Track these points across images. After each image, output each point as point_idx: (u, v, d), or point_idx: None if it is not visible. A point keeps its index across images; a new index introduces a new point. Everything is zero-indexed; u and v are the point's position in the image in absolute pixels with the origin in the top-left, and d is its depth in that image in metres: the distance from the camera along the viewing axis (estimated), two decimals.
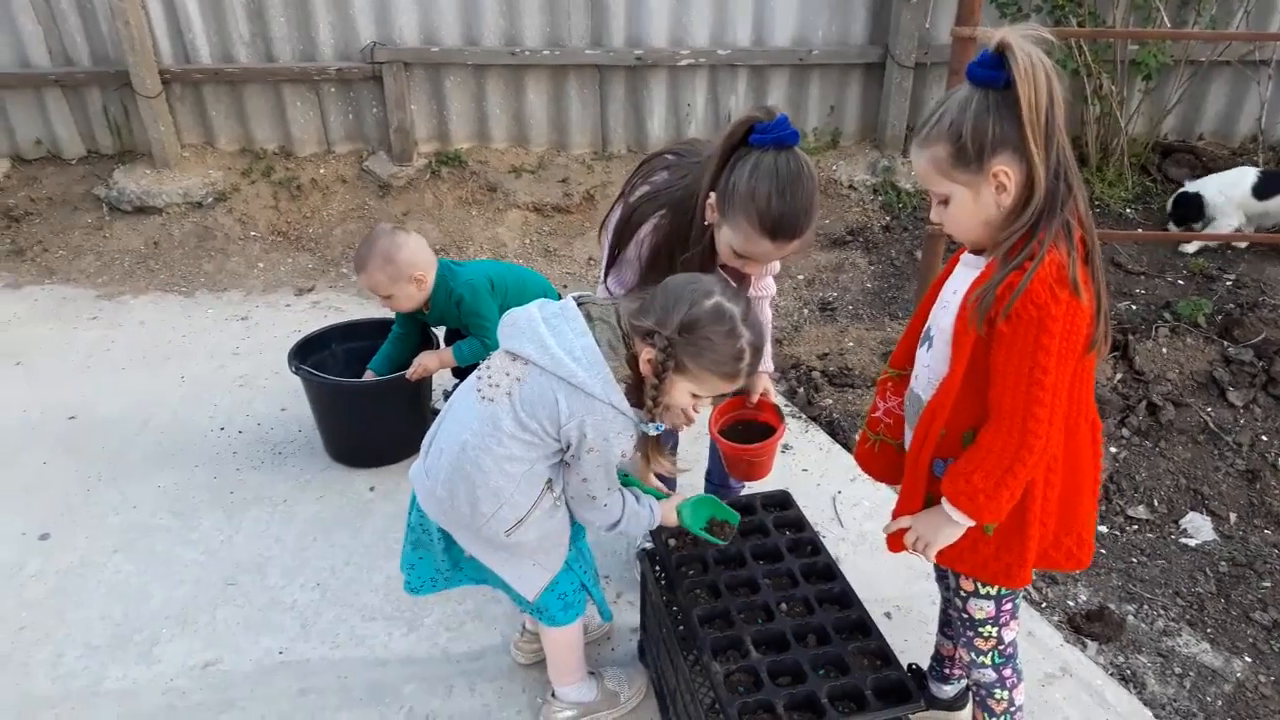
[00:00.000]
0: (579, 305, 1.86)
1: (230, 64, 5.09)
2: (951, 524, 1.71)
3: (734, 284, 2.18)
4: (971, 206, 1.59)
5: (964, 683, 2.29)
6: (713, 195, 1.97)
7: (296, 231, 5.05)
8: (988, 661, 1.92)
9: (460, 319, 3.08)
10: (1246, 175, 4.47)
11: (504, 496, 1.87)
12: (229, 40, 5.05)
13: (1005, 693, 1.95)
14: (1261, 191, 4.39)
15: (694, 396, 1.85)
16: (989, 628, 1.89)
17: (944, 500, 1.70)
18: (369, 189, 5.21)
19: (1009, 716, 1.99)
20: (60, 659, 2.53)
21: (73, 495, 3.16)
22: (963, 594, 1.88)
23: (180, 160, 5.22)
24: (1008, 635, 1.91)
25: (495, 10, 5.00)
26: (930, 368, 1.77)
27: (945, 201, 1.63)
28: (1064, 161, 1.54)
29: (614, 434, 1.80)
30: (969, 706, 2.26)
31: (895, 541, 1.87)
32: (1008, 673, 1.94)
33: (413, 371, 3.10)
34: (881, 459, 2.00)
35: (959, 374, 1.64)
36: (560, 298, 3.23)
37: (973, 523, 1.69)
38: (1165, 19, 4.71)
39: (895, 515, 1.87)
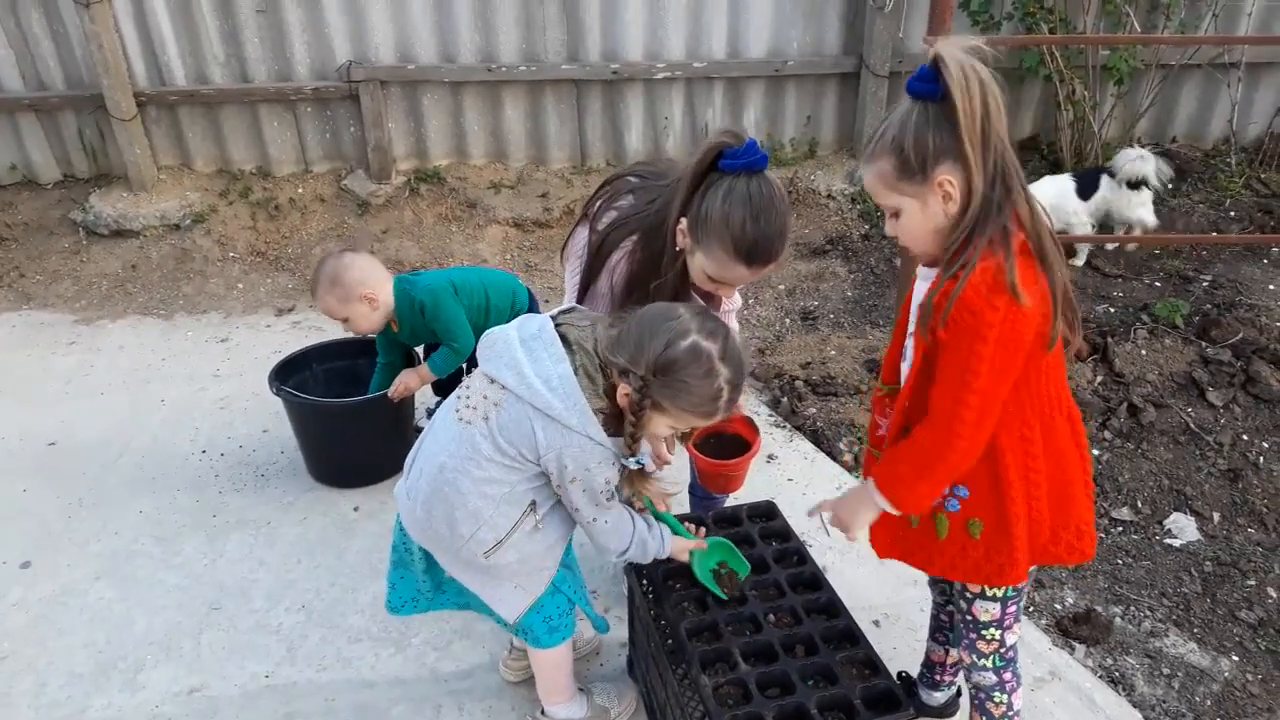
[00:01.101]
0: (558, 326, 1.83)
1: (205, 85, 5.08)
2: (871, 505, 1.78)
3: (705, 304, 2.18)
4: (920, 217, 1.63)
5: (954, 689, 2.29)
6: (684, 221, 1.96)
7: (275, 252, 5.03)
8: (989, 665, 1.92)
9: (427, 328, 3.08)
10: (1065, 183, 4.46)
11: (482, 518, 1.86)
12: (203, 62, 5.03)
13: (1004, 696, 1.95)
14: (1083, 193, 4.42)
15: (673, 429, 1.83)
16: (993, 630, 1.88)
17: (870, 481, 1.77)
18: (348, 208, 5.20)
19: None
20: (43, 689, 2.49)
21: (53, 522, 3.12)
22: (968, 595, 1.88)
23: (157, 183, 5.20)
24: (1010, 639, 1.91)
25: (471, 27, 5.00)
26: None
27: (896, 214, 1.66)
28: (1003, 166, 1.57)
29: (594, 464, 1.79)
30: (959, 713, 2.27)
31: (876, 545, 1.91)
32: (1008, 676, 1.94)
33: (394, 390, 3.09)
34: None
35: (912, 377, 1.71)
36: (529, 294, 3.22)
37: (891, 508, 1.75)
38: (1135, 24, 4.77)
39: (877, 520, 1.88)
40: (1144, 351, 3.71)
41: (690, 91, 5.22)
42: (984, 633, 1.89)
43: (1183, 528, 3.05)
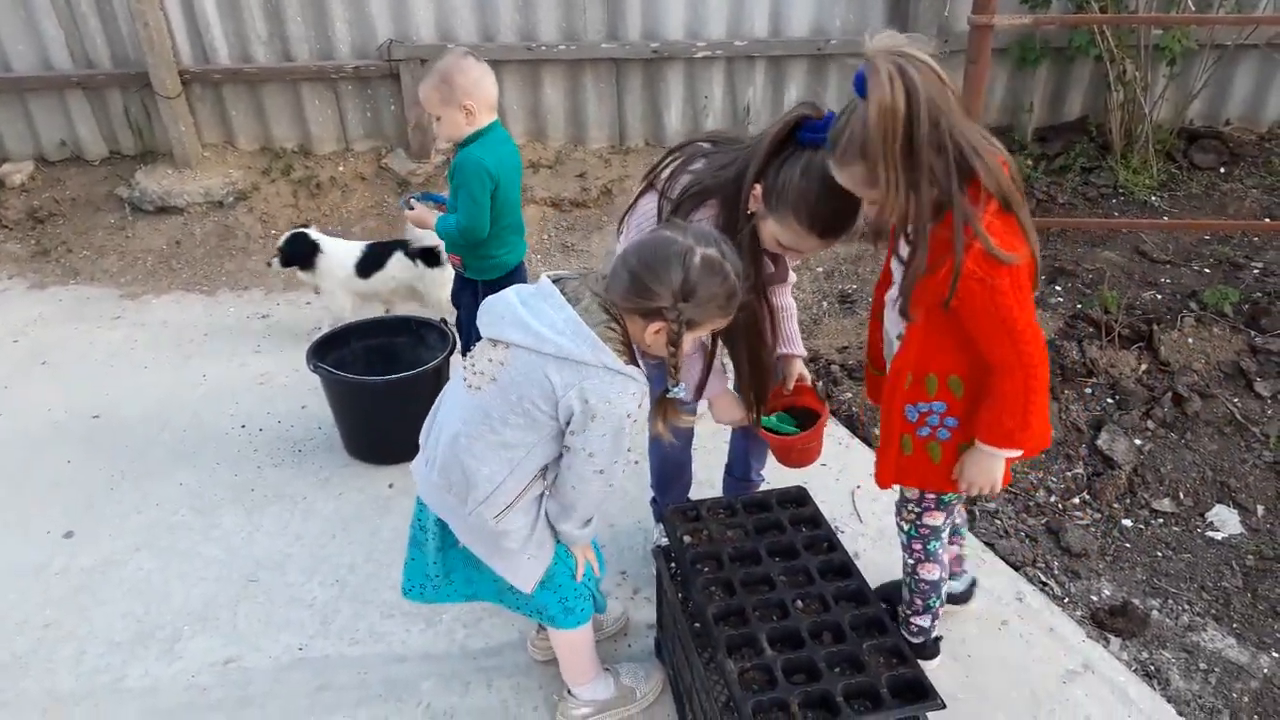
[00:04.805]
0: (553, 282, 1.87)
1: (249, 63, 5.13)
2: (999, 460, 1.96)
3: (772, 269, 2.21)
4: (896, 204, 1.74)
5: (969, 578, 2.58)
6: (758, 187, 1.98)
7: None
8: (904, 528, 2.24)
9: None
10: (353, 252, 4.01)
11: (496, 481, 1.88)
12: (247, 40, 5.08)
13: (910, 561, 2.27)
14: (364, 269, 3.98)
15: (699, 339, 1.94)
16: (912, 507, 2.20)
17: (984, 446, 1.93)
18: (388, 186, 5.23)
19: (913, 581, 2.28)
20: (83, 656, 2.56)
21: (96, 494, 3.19)
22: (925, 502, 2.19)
23: (201, 160, 5.26)
24: (929, 520, 2.19)
25: (511, 6, 4.99)
26: (893, 315, 2.02)
27: (874, 202, 1.77)
28: (957, 156, 1.65)
29: (615, 395, 1.79)
30: (975, 600, 2.60)
31: (882, 479, 2.13)
32: (916, 546, 2.23)
33: (411, 215, 3.15)
34: None
35: (917, 333, 1.89)
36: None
37: (1018, 453, 1.94)
38: (1190, 3, 4.63)
39: (879, 456, 2.10)
40: (1191, 340, 3.63)
41: (731, 70, 5.17)
42: (906, 507, 2.22)
43: (1225, 520, 2.98)
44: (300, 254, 3.99)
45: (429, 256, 3.91)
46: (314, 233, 4.05)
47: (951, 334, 1.85)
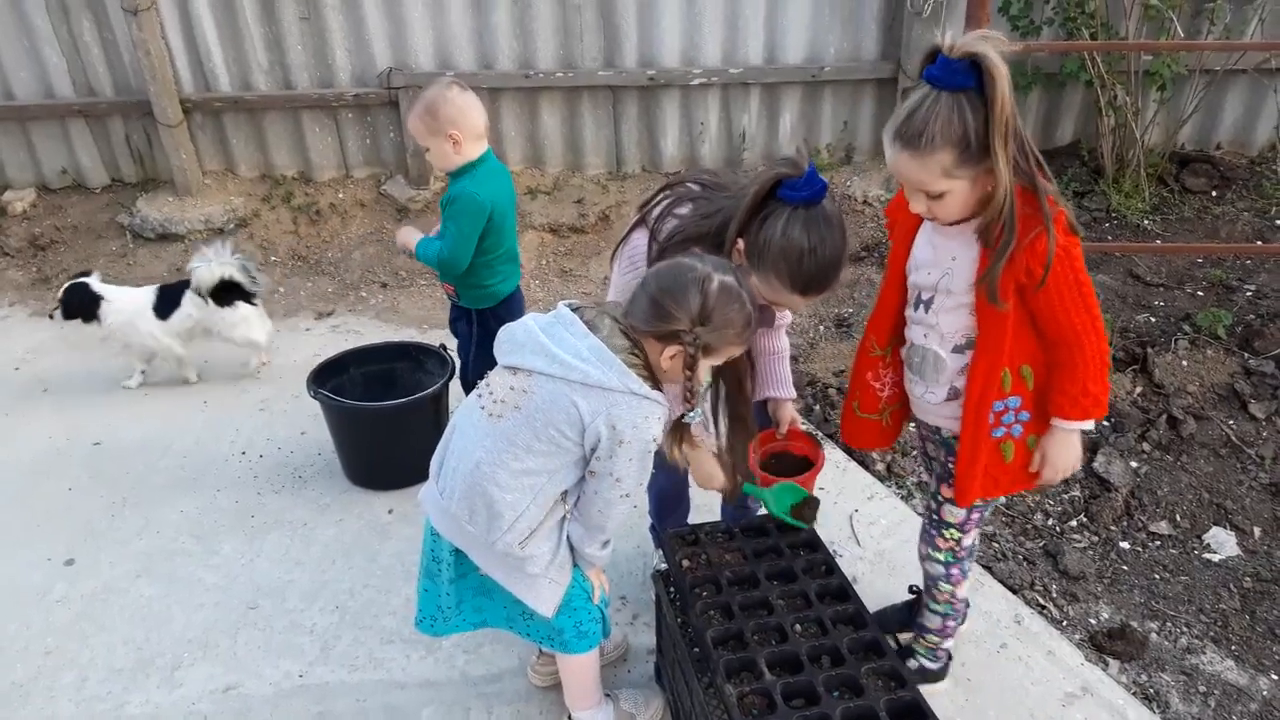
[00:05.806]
0: (572, 310, 1.90)
1: (250, 92, 5.17)
2: (1078, 436, 1.98)
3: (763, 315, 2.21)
4: (969, 194, 1.79)
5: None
6: (741, 242, 2.01)
7: (315, 256, 5.11)
8: (940, 557, 2.24)
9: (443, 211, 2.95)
10: (145, 297, 3.89)
11: (520, 508, 1.89)
12: (248, 68, 5.13)
13: (949, 587, 2.27)
14: (163, 310, 3.87)
15: (713, 367, 1.95)
16: (953, 531, 2.18)
17: (1066, 422, 1.94)
18: (387, 212, 5.26)
19: (949, 607, 2.31)
20: (84, 683, 2.56)
21: (97, 520, 3.20)
22: (939, 499, 2.17)
23: (202, 187, 5.30)
24: (966, 540, 2.20)
25: (509, 34, 5.04)
26: (937, 326, 1.99)
27: (939, 196, 1.79)
28: (1023, 140, 1.74)
29: (642, 419, 1.82)
30: (971, 621, 2.59)
31: (968, 496, 2.05)
32: (955, 571, 2.25)
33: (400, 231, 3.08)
34: (889, 431, 2.28)
35: (1009, 323, 1.86)
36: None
37: (1091, 424, 1.96)
38: (1179, 29, 4.69)
39: (964, 473, 2.03)
40: (1185, 362, 3.65)
41: (726, 97, 5.22)
42: (945, 532, 2.20)
43: (1222, 543, 3.00)
44: (80, 305, 3.85)
45: (219, 295, 3.84)
46: (95, 282, 3.92)
47: (1025, 320, 1.88)
